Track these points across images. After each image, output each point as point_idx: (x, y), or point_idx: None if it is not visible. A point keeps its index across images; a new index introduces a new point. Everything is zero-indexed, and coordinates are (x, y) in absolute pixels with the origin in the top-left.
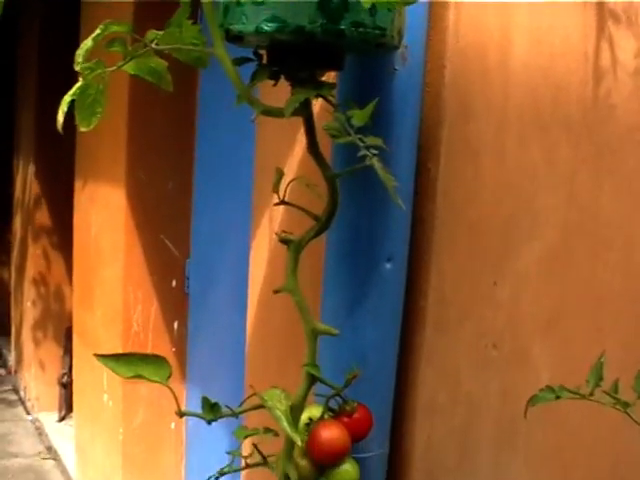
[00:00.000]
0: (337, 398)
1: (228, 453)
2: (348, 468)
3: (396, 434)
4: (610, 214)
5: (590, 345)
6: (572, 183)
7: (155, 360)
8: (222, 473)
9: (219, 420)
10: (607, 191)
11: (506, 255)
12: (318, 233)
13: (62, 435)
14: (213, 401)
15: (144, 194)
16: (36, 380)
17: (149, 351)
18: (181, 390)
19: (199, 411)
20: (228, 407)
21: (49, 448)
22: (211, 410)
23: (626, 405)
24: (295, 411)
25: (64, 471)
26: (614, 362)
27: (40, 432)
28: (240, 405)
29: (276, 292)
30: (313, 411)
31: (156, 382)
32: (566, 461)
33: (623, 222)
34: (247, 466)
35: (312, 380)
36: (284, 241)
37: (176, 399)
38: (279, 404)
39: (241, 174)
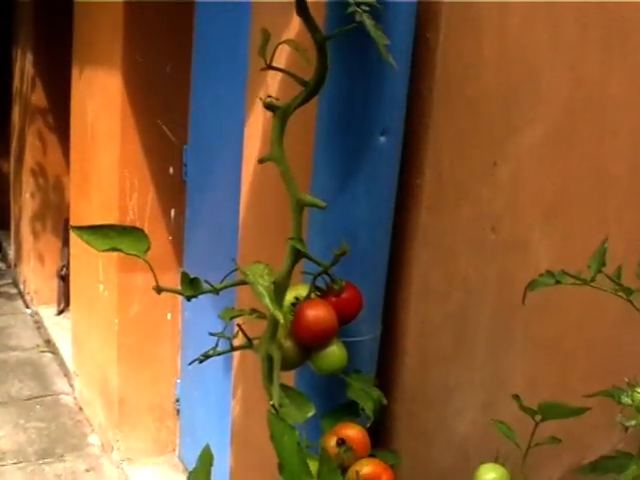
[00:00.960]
0: (325, 277)
1: (211, 334)
2: (335, 350)
3: (388, 318)
4: (618, 99)
5: (592, 235)
6: (579, 65)
7: (133, 233)
8: (207, 356)
9: (218, 309)
10: (616, 76)
11: (507, 134)
12: (306, 99)
13: (60, 328)
14: (192, 276)
15: (141, 78)
16: (35, 273)
17: None
18: (177, 279)
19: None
20: (208, 283)
21: (47, 341)
22: (190, 286)
23: (629, 292)
24: (279, 288)
25: (62, 364)
26: (616, 254)
27: (39, 325)
28: (222, 281)
29: (261, 161)
30: (300, 290)
31: (133, 255)
32: (565, 353)
33: (631, 109)
34: (232, 349)
35: (297, 255)
36: (269, 107)
37: (154, 273)
38: (261, 279)
39: (240, 55)
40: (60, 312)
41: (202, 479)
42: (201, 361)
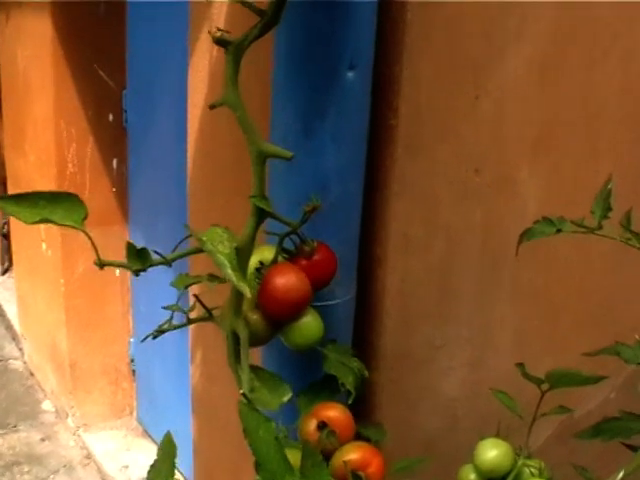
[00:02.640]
0: (294, 237)
1: (165, 308)
2: (309, 321)
3: (363, 276)
4: (608, 19)
5: (583, 169)
6: None
7: (67, 200)
8: (161, 331)
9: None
10: None
11: (490, 62)
12: (263, 31)
13: (5, 288)
14: (139, 246)
15: (73, 20)
16: None
17: (87, 193)
18: (123, 233)
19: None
20: (158, 253)
21: None
22: (137, 258)
23: None
24: (243, 254)
25: (8, 327)
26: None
27: None
28: (174, 249)
29: (212, 107)
30: (265, 253)
31: (69, 226)
32: (555, 302)
33: (622, 29)
34: (189, 321)
35: (261, 215)
36: (220, 42)
37: (94, 246)
38: (221, 246)
39: None
40: (5, 271)
41: (165, 471)
42: (155, 337)
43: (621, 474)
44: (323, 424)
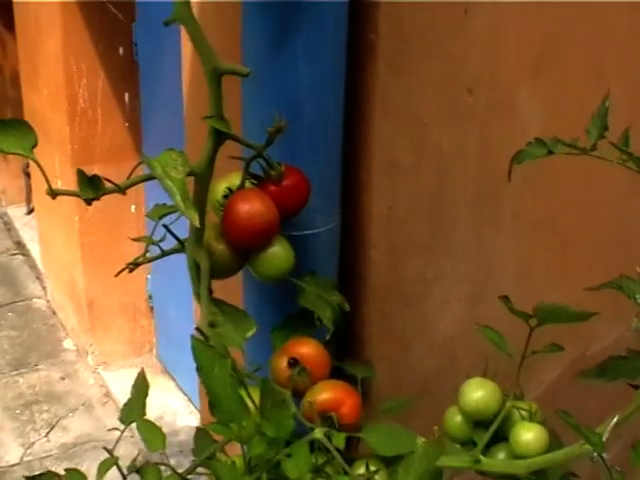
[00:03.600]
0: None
1: (134, 239)
2: (278, 250)
3: (348, 205)
4: None
5: (589, 91)
6: None
7: (15, 127)
8: (135, 264)
9: None
10: None
11: None
12: None
13: (31, 228)
14: (90, 174)
15: None
16: (1, 173)
17: (99, 129)
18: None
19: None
20: (110, 181)
21: (18, 243)
22: (89, 186)
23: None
24: (200, 180)
25: (33, 266)
26: (618, 115)
27: (9, 227)
28: (128, 177)
29: (166, 24)
30: (234, 180)
31: (17, 154)
32: (562, 233)
33: None
34: (163, 253)
35: (219, 137)
36: None
37: (44, 173)
38: (174, 172)
39: None
40: (30, 211)
41: (137, 411)
42: (131, 270)
43: (614, 420)
44: (294, 361)
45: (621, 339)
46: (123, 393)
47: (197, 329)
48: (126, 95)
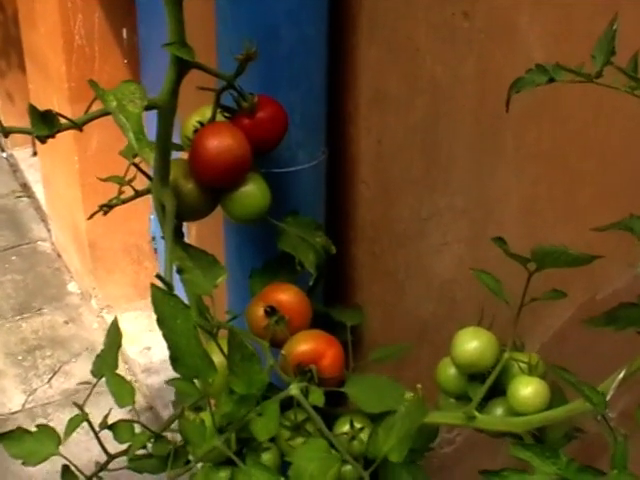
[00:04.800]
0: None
1: (105, 179)
2: (251, 189)
3: (334, 138)
4: None
5: (600, 13)
6: None
7: None
8: (109, 206)
9: None
10: None
11: None
12: None
13: (36, 170)
14: (43, 110)
15: None
16: (5, 113)
17: (97, 66)
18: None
19: None
20: (66, 118)
21: (23, 185)
22: (42, 122)
23: None
24: (163, 113)
25: (38, 208)
26: (628, 40)
27: (15, 169)
28: (86, 111)
29: None
30: (205, 113)
31: None
32: (570, 167)
33: None
34: (136, 194)
35: (181, 66)
36: None
37: None
38: (131, 105)
39: None
40: (36, 153)
41: (110, 361)
42: (105, 212)
43: (621, 375)
44: (272, 309)
45: (634, 282)
46: (126, 337)
47: (158, 276)
48: (124, 31)
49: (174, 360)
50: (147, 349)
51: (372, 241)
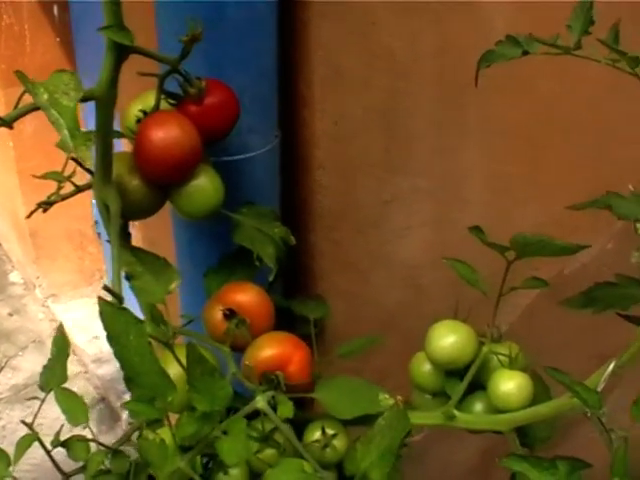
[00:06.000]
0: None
1: (38, 177)
2: (202, 183)
3: (287, 121)
4: None
5: None
6: None
7: None
8: (48, 203)
9: None
10: None
11: None
12: None
13: None
14: None
15: None
16: None
17: (29, 46)
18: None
19: None
20: None
21: None
22: None
23: (635, 61)
24: (101, 104)
25: None
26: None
27: None
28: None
29: None
30: (149, 100)
31: None
32: (536, 142)
33: None
34: (77, 190)
35: (120, 52)
36: None
37: None
38: (65, 99)
39: None
40: None
41: (58, 372)
42: (44, 210)
43: (610, 367)
44: (231, 312)
45: (601, 255)
46: (74, 326)
47: (106, 288)
48: (55, 8)
49: (128, 380)
50: (96, 338)
51: (332, 228)
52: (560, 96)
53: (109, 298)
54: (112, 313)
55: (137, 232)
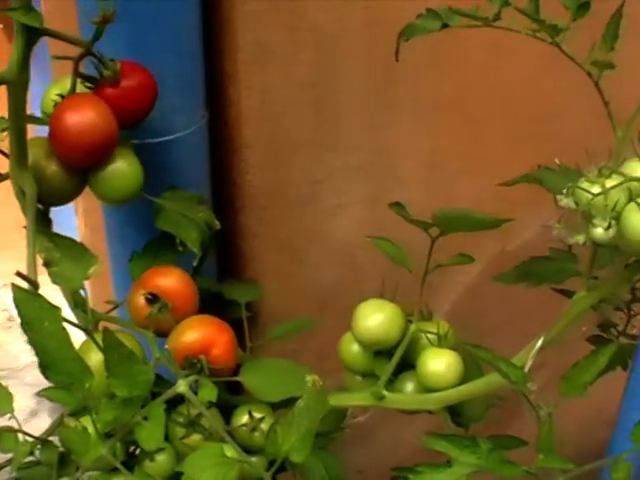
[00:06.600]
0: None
1: None
2: (120, 167)
3: (213, 100)
4: None
5: None
6: None
7: None
8: None
9: None
10: None
11: None
12: None
13: None
14: None
15: None
16: None
17: None
18: None
19: None
20: None
21: None
22: None
23: (555, 30)
24: (13, 88)
25: None
26: None
27: None
28: None
29: None
30: (66, 84)
31: None
32: (472, 116)
33: None
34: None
35: (30, 34)
36: None
37: None
38: None
39: None
40: None
41: None
42: None
43: (539, 343)
44: (153, 296)
45: (543, 232)
46: None
47: (19, 274)
48: None
49: (44, 367)
50: None
51: (263, 208)
52: (495, 69)
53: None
54: (26, 299)
55: (80, 219)
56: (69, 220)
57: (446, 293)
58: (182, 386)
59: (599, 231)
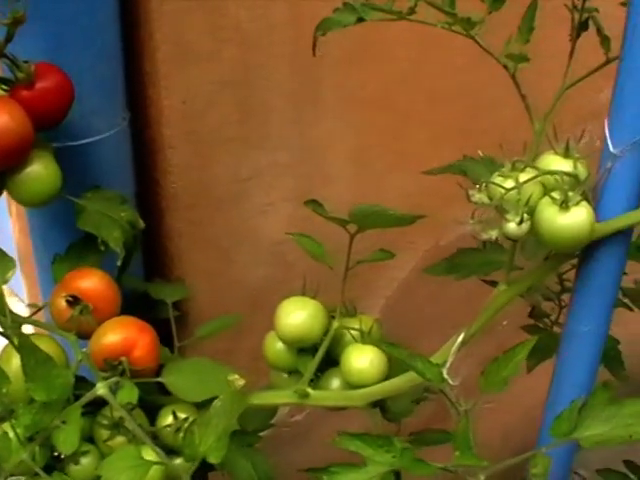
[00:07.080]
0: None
1: None
2: (36, 170)
3: (135, 101)
4: None
5: None
6: None
7: None
8: None
9: None
10: None
11: None
12: None
13: None
14: None
15: None
16: None
17: None
18: None
19: None
20: None
21: None
22: None
23: (469, 24)
24: None
25: None
26: None
27: None
28: None
29: None
30: None
31: None
32: (400, 110)
33: None
34: None
35: None
36: None
37: None
38: None
39: None
40: None
41: None
42: None
43: (460, 338)
44: (74, 298)
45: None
46: None
47: None
48: None
49: None
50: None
51: (188, 208)
52: (421, 64)
53: None
54: None
55: (13, 222)
56: (5, 223)
57: (381, 289)
58: (102, 389)
59: (512, 226)
